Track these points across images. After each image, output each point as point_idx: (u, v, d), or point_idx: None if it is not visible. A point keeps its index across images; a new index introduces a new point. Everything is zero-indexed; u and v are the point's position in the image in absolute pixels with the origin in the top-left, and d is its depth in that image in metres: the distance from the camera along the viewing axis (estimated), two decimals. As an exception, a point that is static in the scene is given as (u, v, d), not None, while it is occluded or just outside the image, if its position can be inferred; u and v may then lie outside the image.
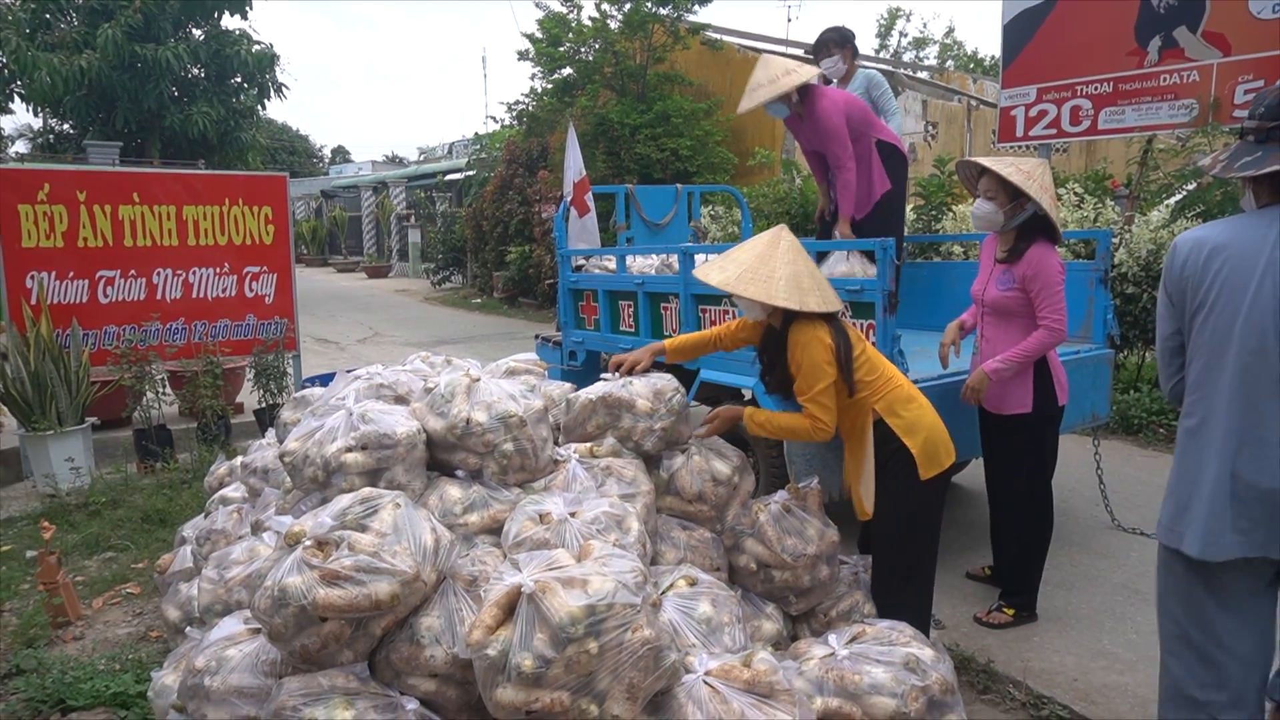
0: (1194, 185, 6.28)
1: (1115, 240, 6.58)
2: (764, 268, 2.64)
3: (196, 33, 16.18)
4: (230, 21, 16.59)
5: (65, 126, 17.28)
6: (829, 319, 2.70)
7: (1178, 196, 6.53)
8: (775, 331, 2.79)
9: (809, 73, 4.39)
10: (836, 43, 5.01)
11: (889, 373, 2.77)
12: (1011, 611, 3.44)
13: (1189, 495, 1.99)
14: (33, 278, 5.88)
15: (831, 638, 2.39)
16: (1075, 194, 7.64)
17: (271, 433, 3.44)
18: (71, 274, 6.04)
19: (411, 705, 2.07)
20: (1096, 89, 6.46)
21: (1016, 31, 6.92)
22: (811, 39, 5.29)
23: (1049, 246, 3.21)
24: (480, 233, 17.21)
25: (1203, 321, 1.99)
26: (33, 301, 5.83)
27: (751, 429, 2.85)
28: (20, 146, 20.97)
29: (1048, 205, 3.11)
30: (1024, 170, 3.12)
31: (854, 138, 4.43)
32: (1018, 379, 3.26)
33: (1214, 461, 1.95)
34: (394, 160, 39.05)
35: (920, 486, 2.70)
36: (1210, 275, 1.96)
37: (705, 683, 2.00)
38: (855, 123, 4.45)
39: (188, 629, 2.72)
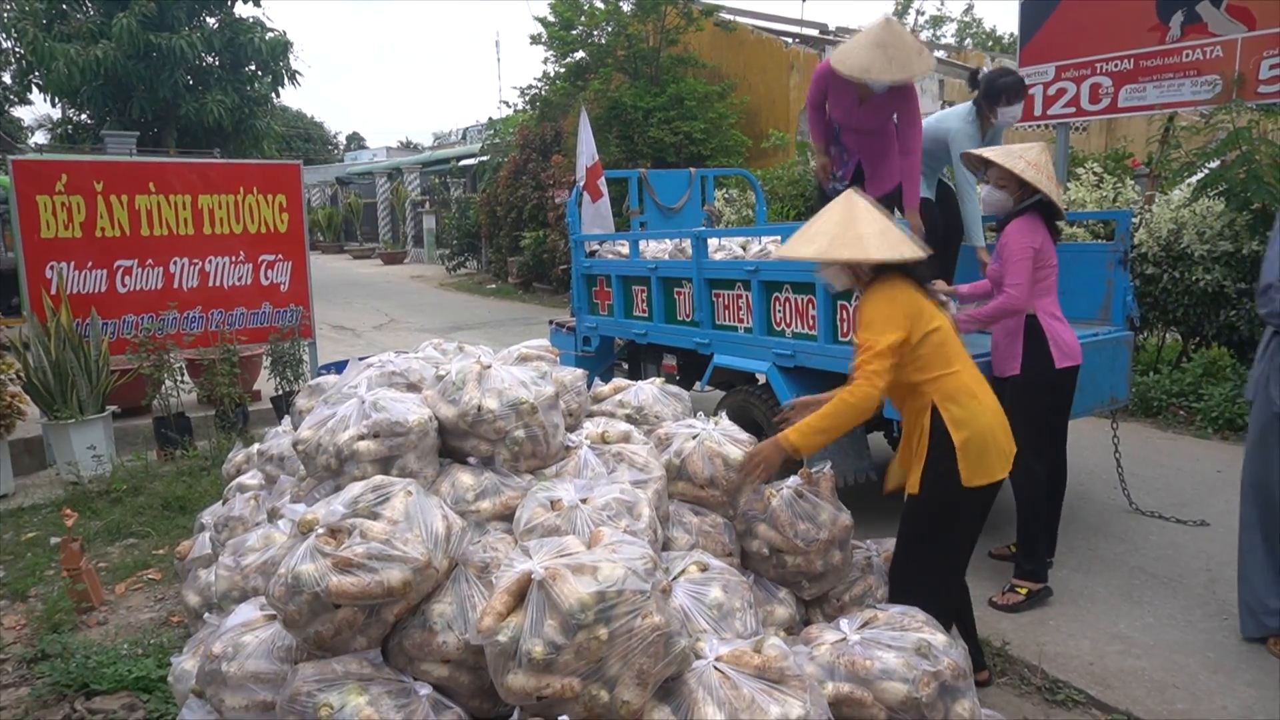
0: (1216, 163, 6.17)
1: (1135, 220, 6.48)
2: (849, 231, 2.55)
3: (210, 21, 16.25)
4: (243, 9, 16.66)
5: (83, 117, 17.43)
6: (917, 281, 2.60)
7: (1199, 175, 6.42)
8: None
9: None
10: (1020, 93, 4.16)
11: (958, 361, 2.60)
12: (1024, 590, 3.43)
13: None
14: (52, 268, 5.96)
15: (843, 623, 2.39)
16: (1094, 173, 7.52)
17: (288, 420, 3.47)
18: (90, 264, 6.11)
19: (425, 691, 2.09)
20: (1117, 66, 6.34)
21: (1034, 8, 6.80)
22: (825, 20, 5.10)
23: (1027, 222, 3.31)
24: (495, 218, 17.20)
25: None
26: (52, 292, 5.90)
27: (804, 448, 2.58)
28: (40, 137, 21.19)
29: (1054, 194, 3.28)
30: (1029, 161, 3.27)
31: None
32: (1007, 342, 3.38)
33: None
34: (409, 146, 39.01)
35: (959, 489, 2.53)
36: None
37: (716, 668, 2.00)
38: None
39: (206, 615, 2.75)
